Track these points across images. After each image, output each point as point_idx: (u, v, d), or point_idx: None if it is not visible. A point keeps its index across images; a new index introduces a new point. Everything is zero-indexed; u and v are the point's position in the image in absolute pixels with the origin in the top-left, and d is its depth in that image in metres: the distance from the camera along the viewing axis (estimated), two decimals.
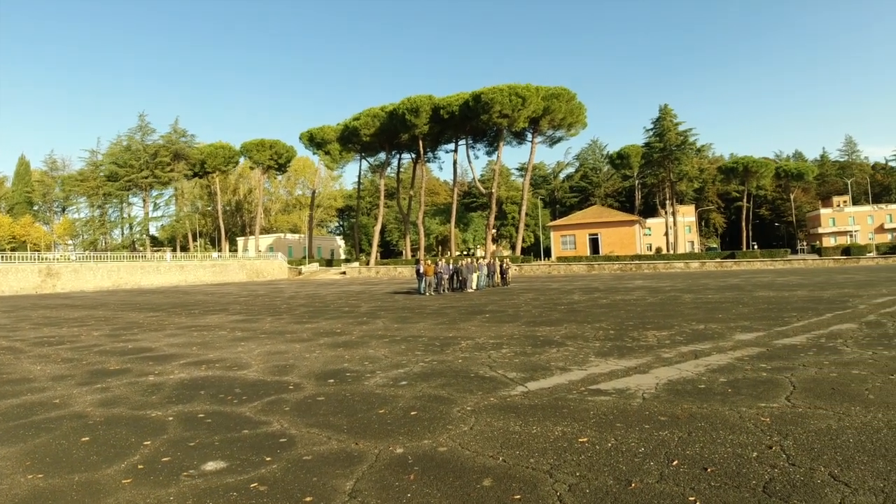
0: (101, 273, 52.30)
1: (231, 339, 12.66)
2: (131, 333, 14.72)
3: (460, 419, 5.65)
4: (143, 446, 5.18)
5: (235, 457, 4.75)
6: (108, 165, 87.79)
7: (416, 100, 62.28)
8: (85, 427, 5.93)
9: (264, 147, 79.32)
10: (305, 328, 14.40)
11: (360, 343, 11.36)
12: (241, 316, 18.73)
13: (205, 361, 9.76)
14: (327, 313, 18.66)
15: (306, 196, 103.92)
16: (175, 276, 57.95)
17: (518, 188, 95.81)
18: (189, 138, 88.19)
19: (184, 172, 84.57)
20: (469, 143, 69.94)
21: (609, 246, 68.31)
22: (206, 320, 17.61)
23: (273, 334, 13.35)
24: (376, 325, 14.76)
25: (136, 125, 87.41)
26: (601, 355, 9.11)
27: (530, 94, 58.49)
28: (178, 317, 19.20)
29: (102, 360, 10.47)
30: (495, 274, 33.55)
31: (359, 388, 7.20)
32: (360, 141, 69.11)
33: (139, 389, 7.71)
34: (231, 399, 6.88)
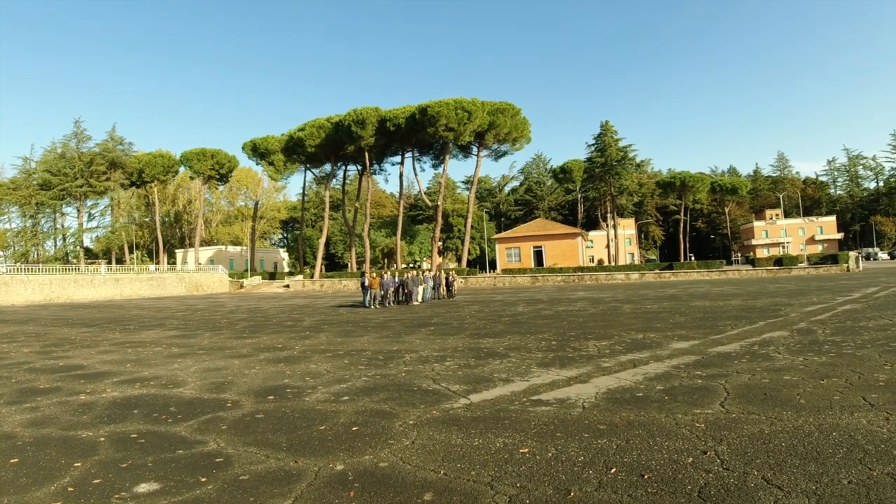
0: (33, 286, 49.88)
1: (167, 356, 12.24)
2: (63, 350, 14.07)
3: (402, 433, 5.62)
4: (73, 468, 4.97)
5: (169, 478, 4.60)
6: (41, 174, 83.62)
7: (362, 111, 62.11)
8: (13, 448, 5.66)
9: (206, 156, 77.28)
10: (245, 343, 14.06)
11: (302, 358, 11.17)
12: (179, 331, 18.14)
13: (139, 379, 9.40)
14: (269, 328, 18.29)
15: (249, 207, 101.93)
16: (110, 290, 55.77)
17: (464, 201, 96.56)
18: (127, 146, 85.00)
19: (120, 182, 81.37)
20: (415, 156, 70.16)
21: (553, 258, 69.43)
22: (142, 336, 16.99)
23: (211, 350, 12.98)
24: (319, 339, 14.55)
25: (72, 132, 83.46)
26: (543, 366, 9.22)
27: (476, 109, 59.18)
28: (112, 332, 18.46)
29: (32, 378, 9.98)
30: (441, 286, 33.60)
31: (299, 405, 7.07)
32: (305, 152, 68.33)
33: (70, 409, 7.38)
34: (166, 418, 6.65)
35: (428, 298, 31.29)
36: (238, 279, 70.57)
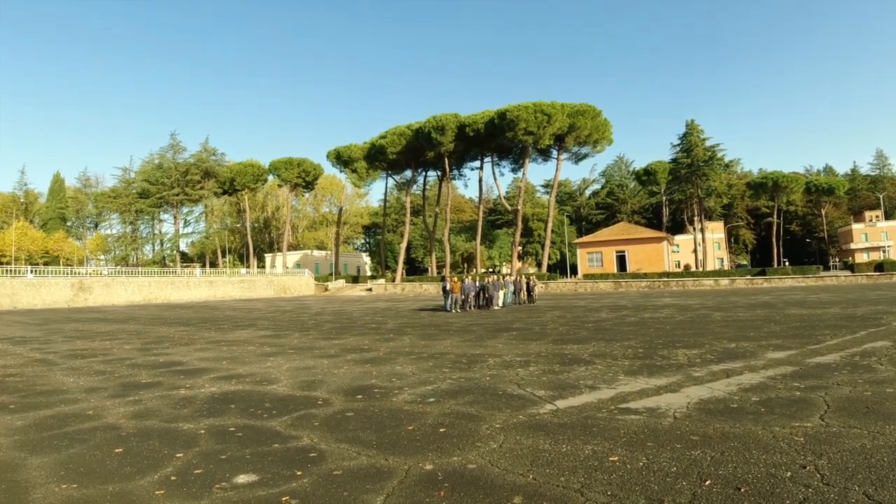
0: (133, 288, 53.29)
1: (260, 355, 12.80)
2: (162, 347, 14.97)
3: (489, 436, 5.63)
4: (175, 458, 5.25)
5: (266, 470, 4.80)
6: (140, 183, 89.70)
7: (441, 118, 62.71)
8: (118, 438, 6.03)
9: (292, 165, 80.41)
10: (333, 344, 14.50)
11: (387, 359, 11.41)
12: (269, 331, 18.92)
13: (234, 376, 9.88)
14: (354, 329, 18.76)
15: (333, 213, 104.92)
16: (204, 292, 58.75)
17: (544, 205, 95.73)
18: (219, 156, 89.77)
19: (213, 190, 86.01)
20: (494, 161, 70.08)
21: (636, 263, 67.61)
22: (235, 335, 17.83)
23: (301, 350, 13.47)
24: (403, 341, 14.81)
25: (168, 144, 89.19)
26: (630, 374, 9.02)
27: (556, 112, 58.49)
28: (207, 331, 19.47)
29: (134, 373, 10.66)
30: (521, 291, 33.44)
31: (387, 405, 7.22)
32: (386, 159, 69.73)
33: (171, 402, 7.83)
34: (261, 413, 6.96)
35: (508, 303, 31.20)
36: (323, 282, 72.78)
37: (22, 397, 8.49)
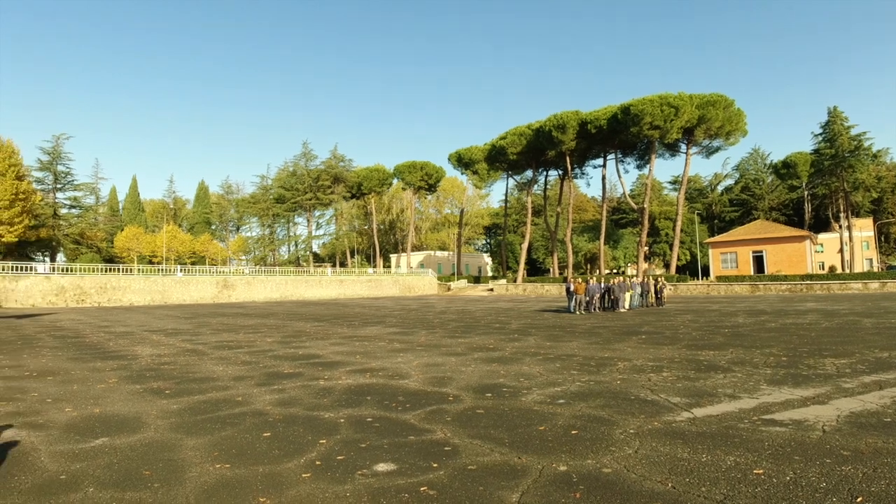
0: (270, 285, 57.09)
1: (390, 350, 13.35)
2: (300, 341, 15.97)
3: (623, 441, 5.56)
4: (319, 444, 5.63)
5: (404, 460, 5.04)
6: (276, 189, 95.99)
7: (562, 116, 61.86)
8: (265, 424, 6.54)
9: (415, 168, 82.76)
10: (459, 342, 14.80)
11: (514, 359, 11.49)
12: (397, 328, 19.61)
13: (368, 370, 10.38)
14: (478, 329, 19.01)
15: (455, 214, 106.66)
16: (335, 290, 61.74)
17: (672, 203, 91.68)
18: (347, 163, 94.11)
19: (342, 194, 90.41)
20: (618, 158, 68.03)
21: (775, 264, 63.13)
22: (366, 331, 18.64)
23: (429, 347, 13.87)
24: (528, 342, 14.83)
25: (301, 152, 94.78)
26: (773, 383, 8.52)
27: (683, 103, 55.74)
28: (340, 327, 20.49)
29: (276, 364, 11.48)
30: (649, 293, 32.34)
31: (516, 404, 7.30)
32: (506, 159, 69.90)
33: (311, 392, 8.37)
34: (395, 406, 7.28)
35: (635, 306, 30.30)
36: (445, 282, 74.21)
37: (176, 384, 9.40)
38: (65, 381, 9.86)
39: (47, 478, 4.80)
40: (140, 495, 4.35)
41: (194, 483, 4.62)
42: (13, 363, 12.13)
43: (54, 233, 72.83)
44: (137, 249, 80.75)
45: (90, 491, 4.46)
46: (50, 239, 72.33)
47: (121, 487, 4.53)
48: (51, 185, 76.35)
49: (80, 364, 11.99)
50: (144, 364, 11.86)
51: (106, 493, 4.42)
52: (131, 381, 9.69)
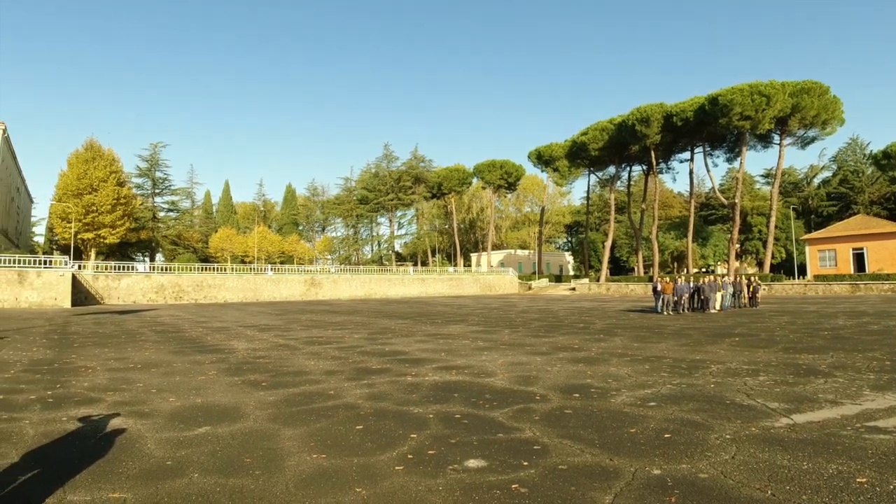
0: (355, 284, 58.59)
1: (474, 349, 13.40)
2: (386, 338, 16.30)
3: (719, 447, 5.36)
4: (409, 438, 5.74)
5: (494, 457, 5.05)
6: (359, 191, 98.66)
7: (646, 109, 59.99)
8: (357, 417, 6.72)
9: (495, 167, 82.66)
10: (543, 342, 14.68)
11: (601, 360, 11.28)
12: (480, 327, 19.66)
13: (453, 367, 10.47)
14: (562, 328, 18.79)
15: (535, 213, 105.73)
16: (416, 288, 62.61)
17: (764, 197, 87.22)
18: (427, 163, 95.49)
19: (423, 194, 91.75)
20: (706, 151, 64.98)
21: (877, 263, 58.74)
22: (449, 329, 18.80)
23: (512, 346, 13.83)
24: (614, 342, 14.53)
25: (382, 154, 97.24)
26: (878, 389, 7.99)
27: (775, 92, 52.57)
28: (423, 325, 20.76)
29: (364, 359, 11.77)
30: (742, 294, 30.98)
31: (605, 405, 7.17)
32: (588, 156, 68.57)
33: (400, 387, 8.54)
34: (483, 404, 7.30)
35: (727, 307, 29.08)
36: (526, 281, 73.70)
37: (272, 376, 9.81)
38: (167, 372, 10.48)
39: (154, 464, 5.11)
40: (242, 482, 4.56)
41: (293, 471, 4.81)
42: (118, 356, 12.99)
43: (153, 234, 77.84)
44: (230, 249, 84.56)
45: (195, 477, 4.72)
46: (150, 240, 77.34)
47: (224, 474, 4.77)
48: (150, 191, 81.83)
49: (180, 357, 12.70)
50: (241, 357, 12.44)
51: (210, 478, 4.66)
52: (229, 374, 10.19)
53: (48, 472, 4.86)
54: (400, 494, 4.21)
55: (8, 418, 6.84)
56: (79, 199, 58.68)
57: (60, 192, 60.02)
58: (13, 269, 40.83)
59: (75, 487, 4.48)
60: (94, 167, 60.29)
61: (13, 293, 39.93)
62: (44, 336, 17.95)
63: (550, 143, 73.75)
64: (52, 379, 9.78)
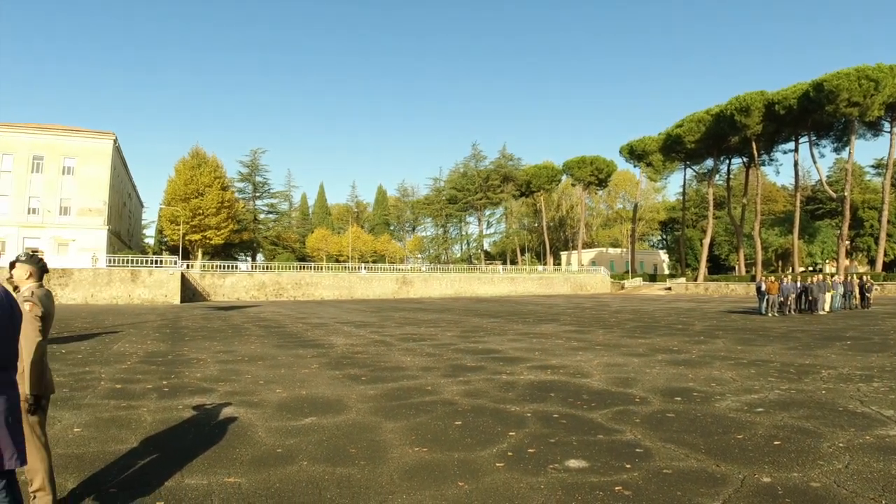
0: (445, 282, 59.25)
1: (568, 348, 13.28)
2: (478, 336, 16.43)
3: (832, 455, 5.10)
4: (508, 436, 5.79)
5: (595, 458, 5.03)
6: (448, 190, 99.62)
7: (745, 98, 56.75)
8: (455, 413, 6.85)
9: (585, 164, 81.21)
10: (639, 343, 14.34)
11: (702, 363, 10.91)
12: (573, 327, 19.44)
13: (548, 366, 10.43)
14: (658, 329, 18.27)
15: (627, 210, 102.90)
16: (506, 287, 62.52)
17: (875, 190, 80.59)
18: (516, 161, 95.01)
19: (512, 193, 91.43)
20: (812, 140, 60.57)
21: None
22: (541, 329, 18.69)
23: (608, 347, 13.60)
24: (716, 345, 13.99)
25: (471, 153, 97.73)
26: None
27: (884, 76, 48.23)
28: (515, 324, 20.73)
29: (459, 357, 11.94)
30: (852, 294, 29.02)
31: (709, 410, 6.96)
32: (683, 149, 65.90)
33: (495, 386, 8.61)
34: (580, 404, 7.26)
35: (837, 308, 27.33)
36: (618, 280, 71.97)
37: (370, 371, 10.15)
38: (272, 365, 11.04)
39: (265, 451, 5.43)
40: (349, 471, 4.78)
41: (396, 463, 4.99)
42: (226, 349, 13.78)
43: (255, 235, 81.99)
44: (326, 249, 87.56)
45: (304, 464, 4.99)
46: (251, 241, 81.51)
47: (331, 462, 5.01)
48: (251, 194, 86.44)
49: (284, 351, 13.34)
50: (340, 352, 12.93)
51: (318, 466, 4.91)
52: (330, 368, 10.62)
53: (166, 457, 5.25)
54: (502, 490, 4.28)
55: (127, 406, 7.42)
56: (186, 202, 62.77)
57: (169, 197, 64.48)
58: (126, 269, 44.18)
59: (192, 472, 4.83)
60: (199, 173, 64.36)
61: (127, 290, 43.07)
62: (156, 330, 19.26)
63: (643, 137, 71.55)
64: (166, 370, 10.51)
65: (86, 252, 49.40)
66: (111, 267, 45.04)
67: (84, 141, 56.29)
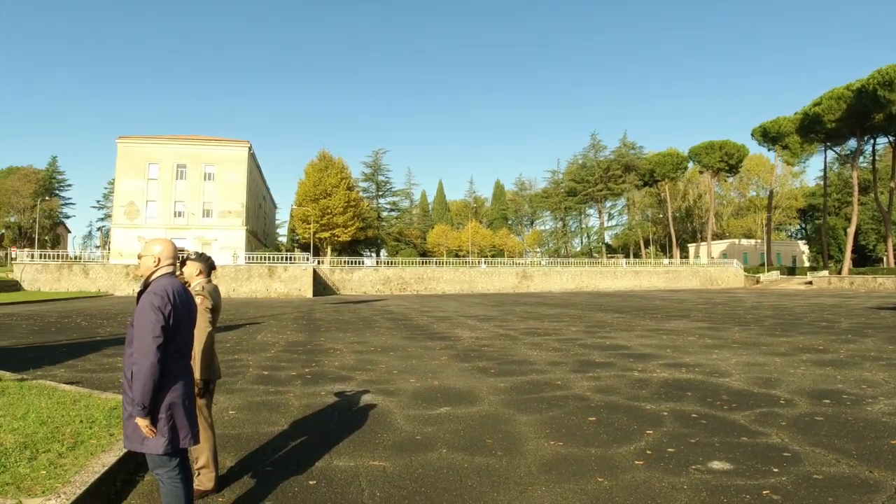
0: (565, 276, 58.63)
1: (702, 346, 12.77)
2: (604, 331, 16.17)
3: None
4: (645, 434, 5.73)
5: (739, 461, 4.88)
6: (567, 182, 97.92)
7: (888, 70, 50.54)
8: (588, 408, 6.85)
9: (713, 149, 76.90)
10: (780, 341, 13.50)
11: (851, 363, 10.14)
12: (705, 323, 18.62)
13: (682, 364, 10.12)
14: (800, 327, 17.09)
15: (761, 198, 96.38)
16: (629, 281, 60.81)
17: None
18: (637, 150, 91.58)
19: (634, 183, 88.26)
20: None
21: None
22: (671, 325, 18.07)
23: (745, 345, 12.92)
24: (865, 344, 12.91)
25: (589, 144, 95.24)
26: None
27: None
28: (641, 319, 20.18)
29: (586, 352, 11.85)
30: None
31: (860, 413, 6.50)
32: (822, 129, 60.26)
33: (627, 382, 8.49)
34: (720, 405, 7.01)
35: None
36: (752, 274, 67.66)
37: (498, 364, 10.33)
38: (404, 356, 11.53)
39: (405, 437, 5.73)
40: (487, 461, 4.96)
41: (533, 455, 5.11)
42: (359, 340, 14.53)
43: (378, 232, 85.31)
44: (446, 244, 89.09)
45: (443, 452, 5.22)
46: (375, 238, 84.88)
47: (469, 452, 5.22)
48: (374, 193, 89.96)
49: (413, 342, 13.86)
50: (467, 345, 13.25)
51: (457, 455, 5.13)
52: (459, 360, 10.94)
53: (313, 440, 5.68)
54: (643, 489, 4.27)
55: (275, 391, 8.07)
56: (315, 203, 66.49)
57: (300, 198, 68.72)
58: (264, 265, 48.26)
59: (339, 454, 5.20)
60: (327, 175, 68.02)
61: (264, 285, 46.72)
62: (294, 322, 20.56)
63: (777, 118, 66.49)
64: (307, 358, 11.28)
65: (227, 250, 53.65)
66: (250, 264, 49.01)
67: (222, 150, 61.31)
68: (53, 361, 10.77)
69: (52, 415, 5.77)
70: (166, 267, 3.31)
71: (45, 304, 31.18)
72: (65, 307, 28.13)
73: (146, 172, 59.50)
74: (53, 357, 11.37)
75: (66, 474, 4.06)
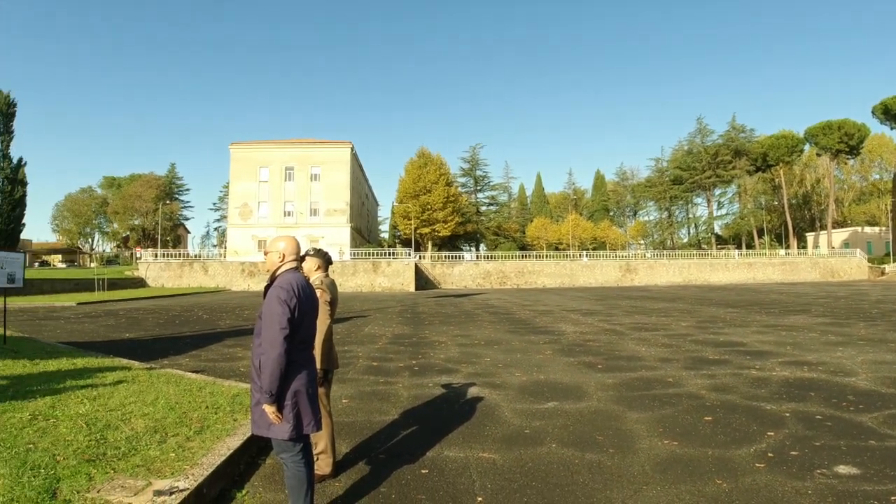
0: (672, 269, 56.51)
1: (825, 343, 11.96)
2: (717, 327, 15.46)
3: None
4: (766, 436, 5.46)
5: (868, 466, 4.59)
6: (672, 170, 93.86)
7: None
8: (703, 407, 6.60)
9: (831, 129, 71.49)
10: None
11: None
12: (827, 318, 17.40)
13: (804, 363, 9.54)
14: None
15: (885, 181, 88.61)
16: (742, 274, 57.81)
17: None
18: (748, 133, 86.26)
19: (745, 168, 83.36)
20: None
21: None
22: (790, 320, 17.02)
23: (872, 342, 11.99)
24: None
25: (695, 129, 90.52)
26: None
27: None
28: (757, 315, 19.12)
29: (698, 348, 11.40)
30: None
31: None
32: None
33: (744, 381, 8.11)
34: (846, 406, 6.58)
35: None
36: (878, 265, 62.47)
37: (605, 360, 10.14)
38: (508, 350, 11.57)
39: (513, 431, 5.77)
40: (598, 458, 4.91)
41: (646, 454, 5.00)
42: (463, 333, 14.69)
43: (478, 227, 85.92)
44: (545, 238, 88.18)
45: (553, 447, 5.22)
46: (475, 232, 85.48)
47: (579, 448, 5.19)
48: (472, 188, 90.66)
49: (516, 336, 13.87)
50: (571, 340, 13.10)
51: (567, 450, 5.12)
52: (563, 354, 10.85)
53: (423, 430, 5.83)
54: (764, 492, 4.09)
55: (384, 382, 8.34)
56: (416, 199, 68.00)
57: (401, 195, 70.66)
58: (368, 260, 50.00)
59: (449, 445, 5.32)
60: (426, 171, 69.48)
61: (369, 279, 48.35)
62: (398, 315, 21.07)
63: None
64: (413, 350, 11.55)
65: (333, 247, 55.63)
66: (355, 259, 50.85)
67: (326, 151, 63.81)
68: (179, 352, 11.62)
69: (179, 401, 6.25)
70: (290, 262, 3.51)
71: (168, 298, 33.56)
72: (187, 301, 30.23)
73: (257, 175, 62.97)
74: (178, 348, 12.26)
75: (194, 457, 4.40)
